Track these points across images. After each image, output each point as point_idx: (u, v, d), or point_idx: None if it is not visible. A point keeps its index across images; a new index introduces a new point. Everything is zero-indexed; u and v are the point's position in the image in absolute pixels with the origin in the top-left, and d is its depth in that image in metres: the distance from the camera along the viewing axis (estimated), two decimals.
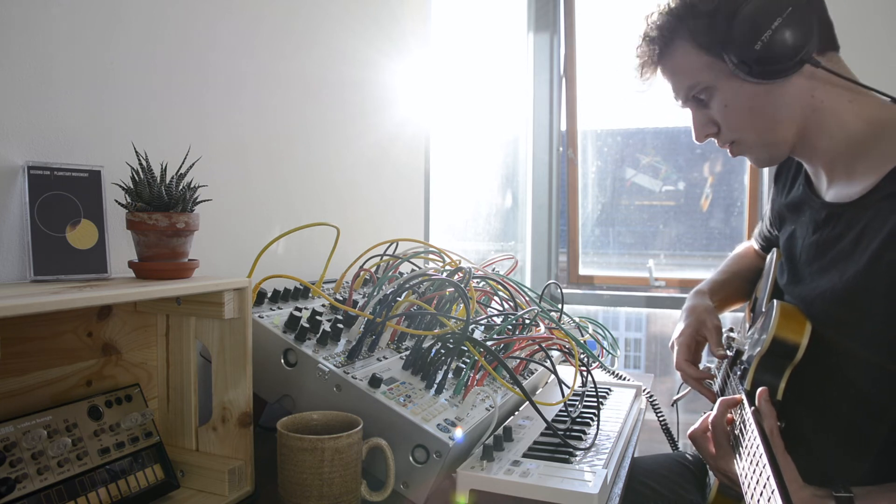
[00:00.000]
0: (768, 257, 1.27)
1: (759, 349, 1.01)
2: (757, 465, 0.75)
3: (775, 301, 1.04)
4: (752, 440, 0.80)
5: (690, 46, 1.00)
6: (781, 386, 0.97)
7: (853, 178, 0.98)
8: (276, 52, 1.30)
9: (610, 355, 1.57)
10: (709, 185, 2.81)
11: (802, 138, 1.01)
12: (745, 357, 1.09)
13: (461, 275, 1.22)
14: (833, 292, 0.96)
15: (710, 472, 1.15)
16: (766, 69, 0.93)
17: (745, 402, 0.90)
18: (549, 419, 0.99)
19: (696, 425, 1.01)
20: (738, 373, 1.05)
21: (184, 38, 1.07)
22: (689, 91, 1.04)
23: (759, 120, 1.00)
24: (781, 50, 0.92)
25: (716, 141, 1.07)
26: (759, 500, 0.71)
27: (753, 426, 0.82)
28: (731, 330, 1.41)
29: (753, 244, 1.43)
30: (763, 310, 1.12)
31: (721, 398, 0.97)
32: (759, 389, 0.93)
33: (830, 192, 1.03)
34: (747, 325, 1.29)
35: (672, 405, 1.48)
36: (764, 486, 0.70)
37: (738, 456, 0.86)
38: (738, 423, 0.91)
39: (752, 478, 0.75)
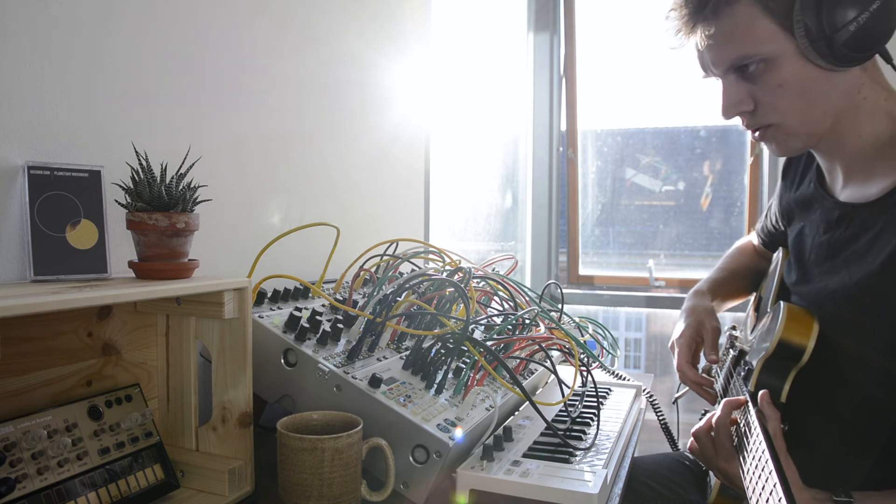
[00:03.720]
0: (775, 255, 1.27)
1: (764, 351, 1.00)
2: (761, 468, 0.75)
3: (782, 302, 1.03)
4: (756, 442, 0.80)
5: (758, 11, 0.89)
6: (786, 388, 0.96)
7: (871, 179, 0.95)
8: (276, 53, 1.30)
9: (610, 355, 1.57)
10: (709, 185, 2.81)
11: (831, 133, 0.96)
12: (748, 357, 1.09)
13: (461, 275, 1.22)
14: (844, 293, 0.95)
15: (711, 473, 1.15)
16: (847, 55, 0.86)
17: (750, 403, 0.90)
18: (549, 419, 0.99)
19: (701, 424, 1.00)
20: (742, 373, 1.05)
21: (184, 38, 1.07)
22: (740, 60, 0.92)
23: (809, 106, 0.93)
24: (868, 37, 0.85)
25: (742, 120, 0.98)
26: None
27: (758, 428, 0.81)
28: (734, 328, 1.40)
29: (754, 239, 1.42)
30: (769, 310, 1.11)
31: (725, 399, 0.96)
32: (761, 392, 0.92)
33: (845, 192, 1.00)
34: (750, 325, 1.28)
35: (672, 403, 1.47)
36: (765, 489, 0.70)
37: (741, 458, 0.85)
38: (741, 424, 0.90)
39: (755, 480, 0.75)
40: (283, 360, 0.95)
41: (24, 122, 0.83)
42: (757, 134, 0.99)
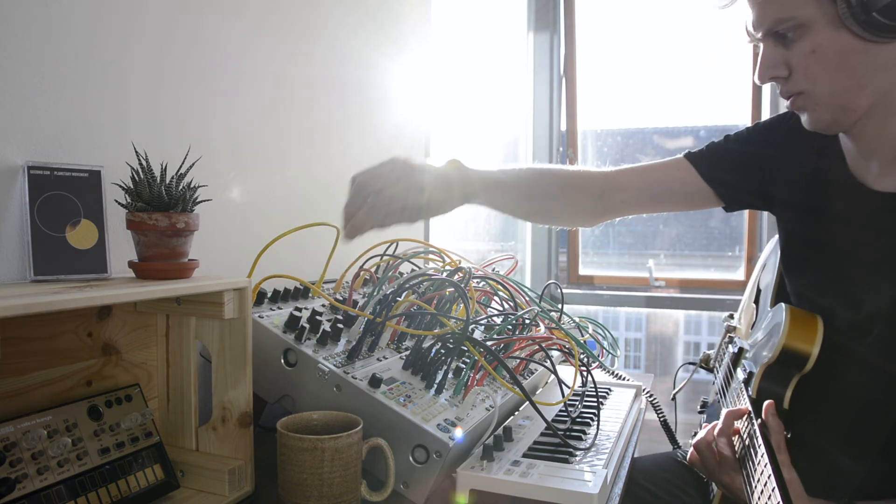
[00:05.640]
0: (769, 245, 1.23)
1: (766, 357, 0.97)
2: (763, 483, 0.74)
3: (784, 305, 1.00)
4: (760, 457, 0.79)
5: None
6: (787, 395, 0.94)
7: None
8: (276, 52, 1.30)
9: (610, 355, 1.57)
10: None
11: (871, 115, 0.91)
12: (749, 359, 1.07)
13: (461, 275, 1.22)
14: (877, 291, 0.91)
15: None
16: (884, 24, 0.82)
17: (752, 413, 0.89)
18: (549, 419, 0.99)
19: (702, 435, 0.98)
20: (743, 377, 1.04)
21: (184, 37, 1.07)
22: (777, 24, 0.89)
23: (842, 77, 0.89)
24: None
25: (778, 87, 0.96)
26: None
27: (762, 445, 0.80)
28: (731, 317, 1.39)
29: (685, 163, 1.18)
30: (769, 306, 1.09)
31: (727, 410, 0.94)
32: (766, 403, 0.89)
33: (882, 183, 0.94)
34: (747, 318, 1.27)
35: (671, 399, 1.47)
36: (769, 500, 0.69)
37: (744, 472, 0.84)
38: (744, 436, 0.88)
39: (757, 494, 0.74)
40: (283, 360, 0.95)
41: (24, 122, 0.83)
42: (789, 102, 0.96)
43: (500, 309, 1.35)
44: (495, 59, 2.71)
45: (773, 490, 0.70)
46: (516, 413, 1.16)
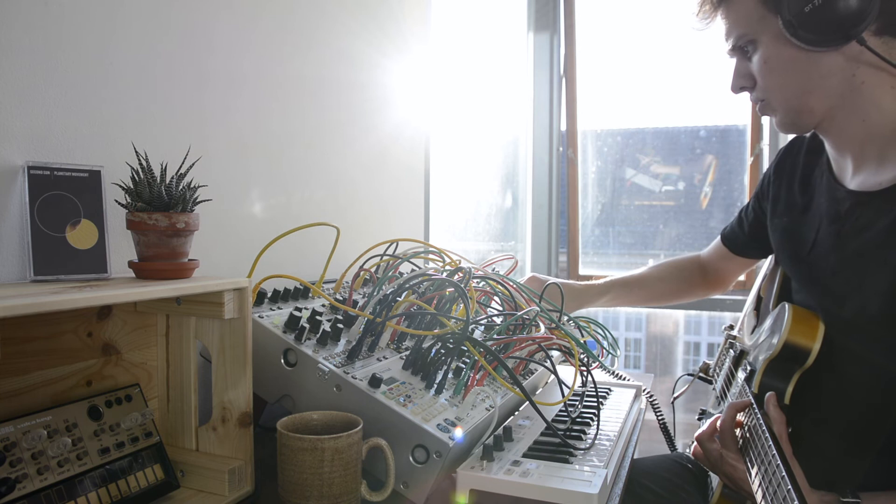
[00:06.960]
0: (772, 256, 1.26)
1: (768, 352, 0.99)
2: (771, 472, 0.74)
3: (786, 304, 1.02)
4: (764, 446, 0.79)
5: None
6: (789, 390, 0.96)
7: (884, 166, 0.94)
8: (276, 53, 1.30)
9: (610, 355, 1.57)
10: (708, 184, 2.81)
11: (833, 117, 0.98)
12: (751, 358, 1.08)
13: (461, 275, 1.22)
14: (853, 289, 0.94)
15: (712, 474, 1.14)
16: (810, 36, 0.89)
17: (755, 406, 0.90)
18: (549, 419, 0.99)
19: (704, 428, 0.99)
20: (745, 375, 1.04)
21: (184, 38, 1.07)
22: (737, 40, 1.00)
23: (791, 84, 0.97)
24: (830, 20, 0.87)
25: (749, 95, 1.06)
26: None
27: (765, 431, 0.81)
28: (731, 327, 1.40)
29: (710, 247, 1.53)
30: (771, 309, 1.10)
31: (730, 403, 0.96)
32: (768, 395, 0.91)
33: (856, 180, 0.99)
34: (749, 325, 1.28)
35: (671, 403, 1.47)
36: (777, 494, 0.69)
37: (747, 461, 0.84)
38: (746, 427, 0.90)
39: (765, 485, 0.74)
40: (283, 360, 0.95)
41: (24, 122, 0.83)
42: (758, 108, 1.05)
43: (500, 309, 1.35)
44: (495, 60, 2.71)
45: (777, 468, 0.70)
46: (516, 413, 1.16)
